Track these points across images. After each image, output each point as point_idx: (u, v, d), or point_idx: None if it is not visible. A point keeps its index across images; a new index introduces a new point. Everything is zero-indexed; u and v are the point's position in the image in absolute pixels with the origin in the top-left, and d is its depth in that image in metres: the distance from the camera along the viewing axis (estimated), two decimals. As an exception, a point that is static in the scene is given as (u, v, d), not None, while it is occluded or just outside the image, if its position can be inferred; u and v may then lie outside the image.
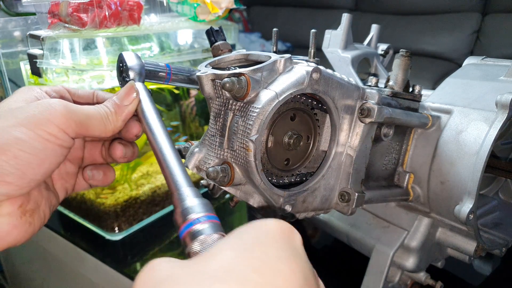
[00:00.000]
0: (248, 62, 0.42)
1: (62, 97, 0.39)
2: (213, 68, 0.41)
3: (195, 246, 0.26)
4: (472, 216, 0.45)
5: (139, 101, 0.38)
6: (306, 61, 0.40)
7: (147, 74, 0.39)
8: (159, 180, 0.86)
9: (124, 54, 0.39)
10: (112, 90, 0.78)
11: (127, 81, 0.39)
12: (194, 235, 0.27)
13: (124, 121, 0.38)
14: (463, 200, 0.46)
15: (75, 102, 0.40)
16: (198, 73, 0.39)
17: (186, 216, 0.28)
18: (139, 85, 0.38)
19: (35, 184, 0.33)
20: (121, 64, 0.39)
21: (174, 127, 0.96)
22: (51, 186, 0.39)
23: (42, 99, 0.36)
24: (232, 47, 0.45)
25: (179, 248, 0.78)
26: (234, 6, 0.85)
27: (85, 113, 0.35)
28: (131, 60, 0.39)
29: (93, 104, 0.40)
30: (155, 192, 0.85)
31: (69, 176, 0.42)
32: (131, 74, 0.38)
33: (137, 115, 0.38)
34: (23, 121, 0.32)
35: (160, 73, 0.41)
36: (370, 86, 0.51)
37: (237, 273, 0.21)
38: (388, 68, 0.66)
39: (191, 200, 0.29)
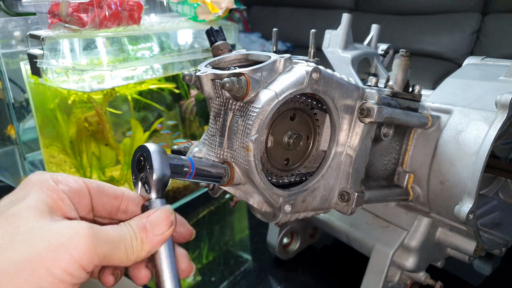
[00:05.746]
0: (248, 62, 0.42)
1: (81, 199, 0.32)
2: (213, 68, 0.41)
3: None
4: (471, 216, 0.45)
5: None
6: (306, 61, 0.40)
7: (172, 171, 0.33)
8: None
9: (151, 151, 0.32)
10: (112, 90, 0.79)
11: (147, 191, 0.32)
12: None
13: (149, 253, 0.31)
14: (463, 200, 0.46)
15: (96, 202, 0.34)
16: (198, 73, 0.39)
17: None
18: (157, 203, 0.32)
19: None
20: (141, 158, 0.32)
21: (173, 126, 0.96)
22: None
23: (55, 205, 0.29)
24: (232, 47, 0.45)
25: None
26: (234, 6, 0.85)
27: (111, 242, 0.28)
28: (158, 163, 0.31)
29: (119, 207, 0.35)
30: (155, 192, 0.85)
31: None
32: (154, 183, 0.32)
33: None
34: (35, 255, 0.25)
35: (184, 169, 0.35)
36: (370, 86, 0.51)
37: None
38: (388, 68, 0.66)
39: None
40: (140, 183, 0.33)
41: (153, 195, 0.32)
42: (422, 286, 0.61)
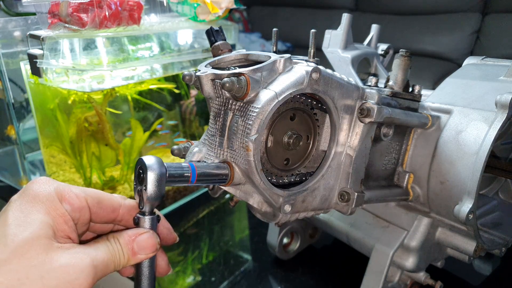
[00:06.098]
0: (248, 62, 0.42)
1: (81, 216, 0.35)
2: (213, 68, 0.41)
3: None
4: (471, 216, 0.45)
5: None
6: (306, 61, 0.40)
7: (170, 180, 0.35)
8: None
9: (147, 169, 0.33)
10: (112, 90, 0.79)
11: (140, 206, 0.35)
12: None
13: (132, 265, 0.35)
14: (463, 200, 0.46)
15: (94, 216, 0.36)
16: (198, 73, 0.39)
17: None
18: (146, 220, 0.35)
19: None
20: (140, 171, 0.34)
21: (173, 126, 0.96)
22: None
23: (59, 228, 0.32)
24: (232, 47, 0.45)
25: (180, 247, 0.78)
26: (234, 6, 0.85)
27: (105, 266, 0.33)
28: (151, 184, 0.33)
29: (115, 218, 0.37)
30: (155, 192, 0.85)
31: None
32: (146, 202, 0.34)
33: None
34: None
35: (185, 174, 0.36)
36: (370, 86, 0.51)
37: None
38: (388, 68, 0.66)
39: None
40: (137, 195, 0.35)
41: (145, 211, 0.35)
42: (422, 286, 0.61)
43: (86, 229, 0.37)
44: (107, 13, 0.69)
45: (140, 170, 0.34)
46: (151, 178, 0.33)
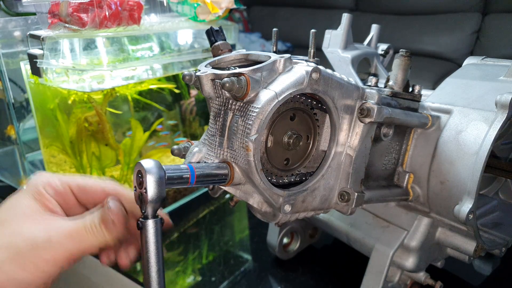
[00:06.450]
0: (248, 62, 0.42)
1: (65, 199, 0.41)
2: (213, 68, 0.41)
3: None
4: (471, 216, 0.45)
5: (146, 242, 0.35)
6: (306, 61, 0.40)
7: (169, 183, 0.35)
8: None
9: (146, 172, 0.33)
10: (112, 90, 0.79)
11: (142, 210, 0.35)
12: None
13: (115, 239, 0.38)
14: (463, 200, 0.46)
15: (81, 199, 0.42)
16: (198, 73, 0.39)
17: None
18: (150, 224, 0.35)
19: None
20: (139, 175, 0.34)
21: (173, 126, 0.96)
22: None
23: (43, 206, 0.38)
24: (232, 47, 0.45)
25: (180, 247, 0.78)
26: (234, 6, 0.85)
27: (75, 235, 0.37)
28: (151, 187, 0.33)
29: (101, 200, 0.41)
30: (155, 192, 0.85)
31: None
32: (147, 205, 0.34)
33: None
34: (14, 257, 0.34)
35: (184, 176, 0.36)
36: (370, 86, 0.51)
37: None
38: (388, 68, 0.66)
39: None
40: (138, 199, 0.35)
41: (147, 215, 0.35)
42: (422, 286, 0.61)
43: (83, 211, 0.42)
44: (107, 13, 0.69)
45: (139, 174, 0.34)
46: (150, 180, 0.33)
